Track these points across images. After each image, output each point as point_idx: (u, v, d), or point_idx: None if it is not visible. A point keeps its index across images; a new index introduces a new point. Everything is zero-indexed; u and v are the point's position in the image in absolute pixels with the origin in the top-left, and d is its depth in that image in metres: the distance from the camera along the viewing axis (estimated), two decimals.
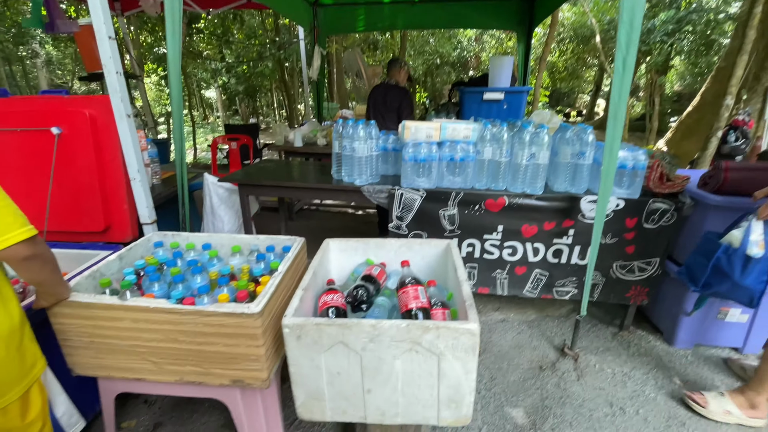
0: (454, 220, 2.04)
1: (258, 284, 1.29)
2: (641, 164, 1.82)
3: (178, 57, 1.71)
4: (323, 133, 3.77)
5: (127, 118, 1.44)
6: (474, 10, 3.70)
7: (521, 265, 2.10)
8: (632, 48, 1.52)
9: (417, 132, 1.98)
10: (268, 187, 2.18)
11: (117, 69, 1.38)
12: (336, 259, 1.54)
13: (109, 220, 1.60)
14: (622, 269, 2.03)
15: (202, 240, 1.50)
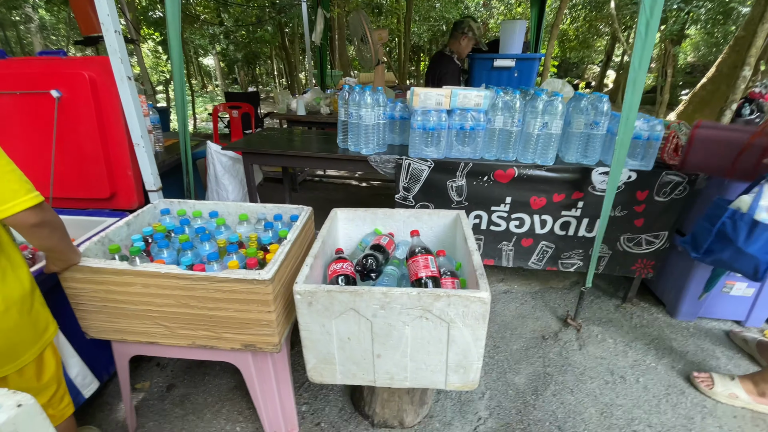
0: (462, 191, 2.02)
1: (267, 252, 1.29)
2: (657, 135, 1.77)
3: (178, 17, 1.63)
4: (327, 101, 3.67)
5: (128, 81, 1.39)
6: None
7: (528, 237, 2.09)
8: (657, 10, 1.43)
9: (426, 99, 1.92)
10: (273, 155, 2.14)
11: (116, 27, 1.32)
12: (344, 228, 1.53)
13: (114, 186, 1.59)
14: (629, 242, 2.02)
15: (208, 208, 1.49)
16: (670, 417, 1.50)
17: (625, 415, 1.51)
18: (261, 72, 20.86)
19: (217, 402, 1.54)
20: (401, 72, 10.53)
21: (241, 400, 1.54)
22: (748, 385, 1.53)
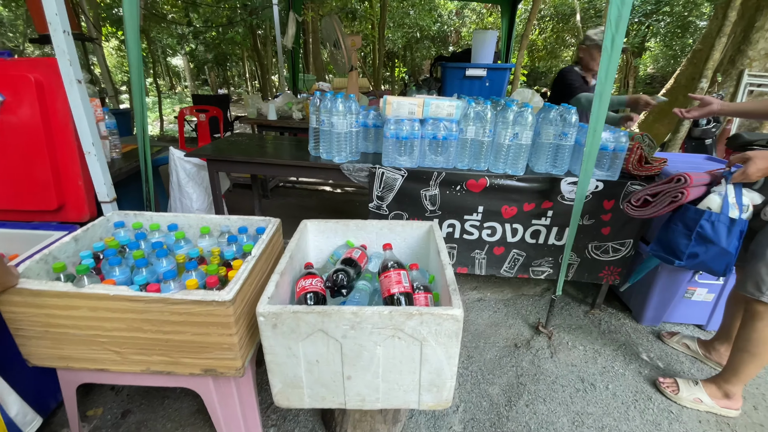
0: (435, 200, 2.00)
1: (230, 268, 1.22)
2: (622, 146, 1.82)
3: (136, 15, 1.54)
4: (299, 106, 3.60)
5: (78, 84, 1.28)
6: None
7: (499, 246, 2.10)
8: (622, 25, 1.47)
9: (399, 108, 1.90)
10: (240, 163, 2.06)
11: (64, 27, 1.21)
12: (314, 240, 1.47)
13: (63, 197, 1.46)
14: (597, 250, 2.07)
15: (167, 220, 1.40)
16: (638, 424, 1.53)
17: (595, 423, 1.53)
18: (233, 74, 20.38)
19: (178, 428, 1.44)
20: (376, 78, 10.56)
21: (204, 425, 1.45)
22: (711, 388, 1.58)
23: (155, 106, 11.00)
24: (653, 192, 1.54)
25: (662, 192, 1.49)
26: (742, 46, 5.02)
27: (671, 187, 1.46)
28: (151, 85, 12.62)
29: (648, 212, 1.54)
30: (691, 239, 1.43)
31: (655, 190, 1.53)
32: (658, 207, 1.50)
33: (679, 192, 1.43)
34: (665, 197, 1.48)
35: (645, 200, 1.58)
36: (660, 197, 1.50)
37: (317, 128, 2.05)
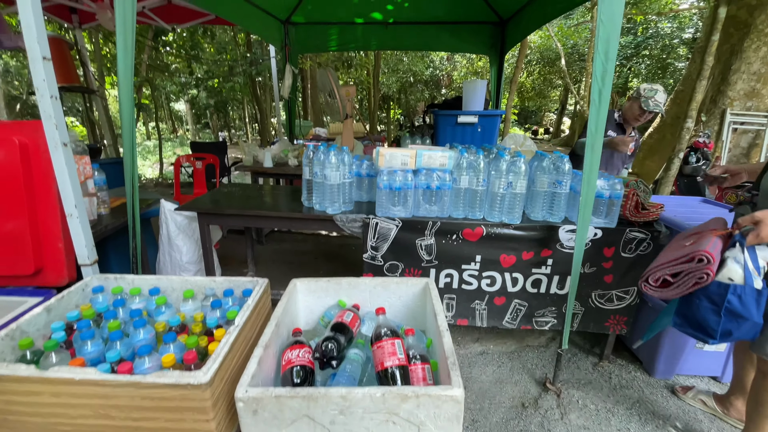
0: (431, 250, 1.95)
1: (212, 338, 1.14)
2: (617, 194, 1.80)
3: (130, 78, 1.56)
4: (294, 153, 3.63)
5: (63, 147, 1.26)
6: (447, 34, 3.72)
7: (500, 296, 2.02)
8: (608, 79, 1.50)
9: (392, 159, 1.90)
10: (232, 216, 2.02)
11: (52, 93, 1.21)
12: (304, 301, 1.40)
13: (41, 261, 1.40)
14: (600, 298, 1.99)
15: (150, 284, 1.33)
16: None
17: None
18: (233, 117, 21.00)
19: None
20: (371, 120, 10.86)
21: None
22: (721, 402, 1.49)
23: (156, 149, 11.19)
24: (673, 272, 1.36)
25: (684, 272, 1.33)
26: (722, 87, 5.23)
27: (694, 268, 1.29)
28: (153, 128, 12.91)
29: (670, 294, 1.37)
30: (720, 315, 1.29)
31: (676, 269, 1.35)
32: (681, 289, 1.33)
33: (704, 273, 1.27)
34: (688, 279, 1.31)
35: (665, 280, 1.40)
36: (682, 278, 1.33)
37: (310, 180, 2.03)
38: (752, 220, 1.27)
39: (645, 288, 1.44)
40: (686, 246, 1.38)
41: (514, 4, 3.13)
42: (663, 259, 1.42)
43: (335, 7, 3.65)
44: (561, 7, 2.54)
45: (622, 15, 1.47)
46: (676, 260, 1.35)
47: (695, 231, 1.48)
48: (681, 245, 1.41)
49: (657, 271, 1.40)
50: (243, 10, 3.02)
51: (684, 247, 1.38)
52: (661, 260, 1.42)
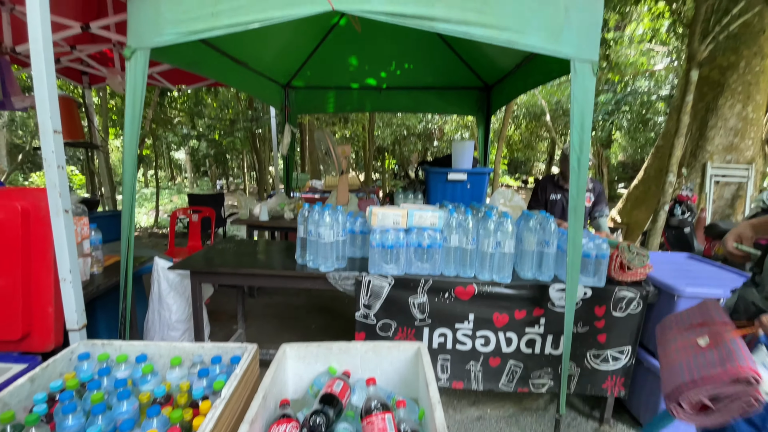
0: (424, 308, 1.95)
1: (197, 411, 1.10)
2: (603, 254, 1.85)
3: (135, 148, 1.65)
4: (291, 206, 3.71)
5: (65, 214, 1.31)
6: (436, 97, 4.00)
7: (495, 356, 1.99)
8: (585, 148, 1.61)
9: (384, 219, 1.96)
10: (225, 274, 2.02)
11: (59, 163, 1.28)
12: (294, 368, 1.37)
13: (29, 326, 1.38)
14: (596, 358, 1.96)
15: (137, 350, 1.31)
16: None
17: None
18: (232, 165, 21.50)
19: None
20: (366, 170, 11.18)
21: None
22: None
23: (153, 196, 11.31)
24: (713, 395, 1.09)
25: (728, 397, 1.07)
26: (701, 142, 5.53)
27: (742, 392, 1.04)
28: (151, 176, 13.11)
29: (709, 422, 1.12)
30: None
31: (718, 391, 1.07)
32: (725, 416, 1.09)
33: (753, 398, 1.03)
34: (734, 405, 1.06)
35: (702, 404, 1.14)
36: (725, 403, 1.08)
37: (305, 238, 2.07)
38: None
39: (677, 412, 1.15)
40: (702, 348, 1.17)
41: (497, 73, 3.41)
42: (675, 361, 1.20)
43: (332, 74, 3.94)
44: (539, 79, 2.77)
45: (593, 92, 1.62)
46: (718, 379, 1.06)
47: (701, 321, 1.27)
48: (689, 340, 1.22)
49: (692, 392, 1.10)
50: (246, 77, 3.26)
51: (698, 347, 1.18)
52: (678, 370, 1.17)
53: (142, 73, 1.66)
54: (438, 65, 3.69)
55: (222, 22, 1.60)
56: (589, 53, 1.57)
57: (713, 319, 1.22)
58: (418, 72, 3.81)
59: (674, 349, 1.25)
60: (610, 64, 7.43)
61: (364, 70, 3.84)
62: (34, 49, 1.30)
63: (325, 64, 3.80)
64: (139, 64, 1.67)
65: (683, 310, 1.36)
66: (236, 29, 1.60)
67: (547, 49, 1.58)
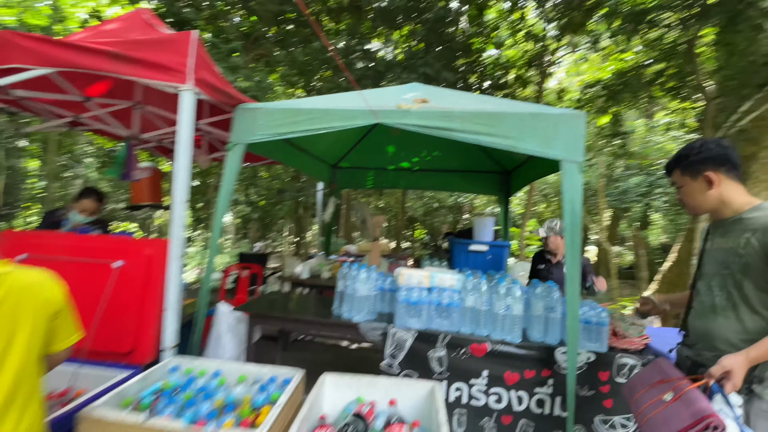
0: (442, 362, 2.21)
1: (258, 415, 1.44)
2: (603, 321, 2.09)
3: (224, 213, 2.21)
4: (328, 267, 4.16)
5: (178, 259, 1.82)
6: (462, 179, 4.57)
7: (507, 414, 2.16)
8: (576, 230, 1.97)
9: (410, 278, 2.34)
10: (276, 318, 2.43)
11: (182, 224, 1.83)
12: (330, 394, 1.69)
13: (135, 343, 1.82)
14: (604, 424, 2.08)
15: (214, 367, 1.69)
16: None
17: None
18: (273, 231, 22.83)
19: None
20: (397, 239, 11.68)
21: None
22: None
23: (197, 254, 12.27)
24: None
25: None
26: None
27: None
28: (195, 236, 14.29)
29: None
30: None
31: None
32: None
33: None
34: None
35: None
36: None
37: (342, 291, 2.47)
38: (723, 369, 1.28)
39: None
40: (668, 402, 1.34)
41: (514, 161, 3.93)
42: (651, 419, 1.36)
43: (373, 157, 4.67)
44: (547, 170, 3.24)
45: (581, 184, 2.03)
46: (688, 429, 1.23)
47: (660, 379, 1.47)
48: (656, 398, 1.40)
49: None
50: (304, 159, 4.00)
51: (665, 403, 1.35)
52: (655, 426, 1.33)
53: (238, 160, 2.28)
54: (463, 153, 4.29)
55: (299, 128, 2.23)
56: (575, 156, 2.02)
57: (669, 375, 1.44)
58: (446, 157, 4.43)
59: (646, 408, 1.42)
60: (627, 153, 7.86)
61: (400, 156, 4.53)
62: (181, 159, 1.94)
63: (367, 151, 4.54)
64: (236, 154, 2.30)
65: (642, 370, 1.60)
66: (309, 133, 2.22)
67: (541, 153, 2.05)
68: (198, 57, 1.90)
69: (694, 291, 1.60)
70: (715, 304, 1.47)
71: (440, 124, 2.07)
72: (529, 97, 7.59)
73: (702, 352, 1.49)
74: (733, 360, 1.27)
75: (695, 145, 1.47)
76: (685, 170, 1.48)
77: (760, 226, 1.34)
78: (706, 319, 1.49)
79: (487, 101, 2.66)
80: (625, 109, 6.36)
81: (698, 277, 1.60)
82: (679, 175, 1.51)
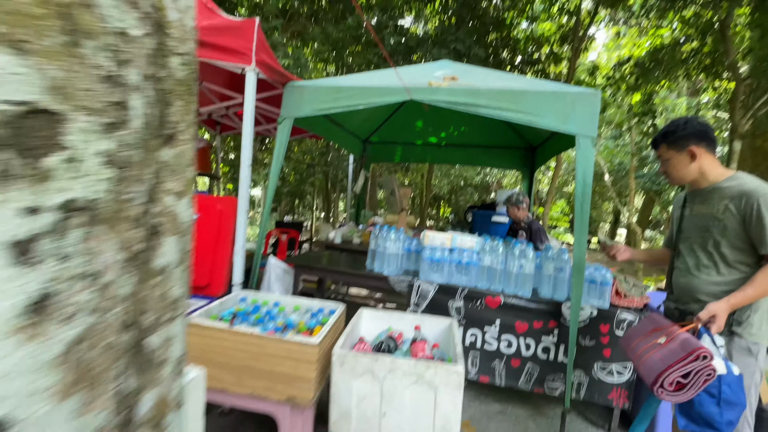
0: (460, 311, 2.54)
1: (312, 331, 1.83)
2: (606, 281, 2.34)
3: (276, 181, 2.58)
4: (358, 234, 4.54)
5: (245, 213, 2.21)
6: (488, 154, 4.76)
7: (516, 358, 2.49)
8: (586, 198, 2.20)
9: (434, 239, 2.65)
10: (318, 269, 2.82)
11: (247, 184, 2.21)
12: (366, 324, 2.06)
13: (211, 279, 2.26)
14: (602, 370, 2.37)
15: (274, 299, 2.10)
16: None
17: None
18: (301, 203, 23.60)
19: None
20: (422, 216, 11.95)
21: None
22: None
23: None
24: (684, 372, 1.42)
25: (694, 371, 1.40)
26: None
27: (701, 366, 1.38)
28: None
29: (686, 396, 1.43)
30: (719, 406, 1.40)
31: (685, 370, 1.42)
32: (695, 389, 1.42)
33: (710, 370, 1.37)
34: (700, 377, 1.40)
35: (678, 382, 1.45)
36: (694, 377, 1.41)
37: (374, 249, 2.82)
38: (709, 313, 1.48)
39: (662, 394, 1.46)
40: (663, 344, 1.52)
41: (540, 137, 4.08)
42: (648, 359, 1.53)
43: (402, 132, 4.92)
44: (570, 146, 3.40)
45: (593, 157, 2.24)
46: (683, 360, 1.41)
47: (653, 328, 1.66)
48: (651, 342, 1.57)
49: (669, 374, 1.43)
50: (339, 133, 4.32)
51: (660, 345, 1.53)
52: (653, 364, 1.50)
53: (287, 133, 2.62)
54: (489, 128, 4.47)
55: (340, 104, 2.53)
56: (589, 131, 2.22)
57: (661, 324, 1.65)
58: (473, 133, 4.62)
59: (643, 351, 1.60)
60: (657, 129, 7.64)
61: (428, 131, 4.75)
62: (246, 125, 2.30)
63: (396, 126, 4.80)
64: (286, 127, 2.64)
65: (637, 324, 1.87)
66: (348, 109, 2.52)
67: (558, 128, 2.26)
68: (258, 40, 2.21)
69: (675, 253, 1.81)
70: (698, 263, 1.68)
71: (467, 101, 2.32)
72: (560, 73, 7.50)
73: (688, 304, 1.71)
74: (717, 306, 1.48)
75: (680, 122, 1.66)
76: (671, 145, 1.66)
77: (737, 194, 1.55)
78: (691, 276, 1.70)
79: (512, 79, 2.86)
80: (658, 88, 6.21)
81: (679, 240, 1.79)
82: (666, 149, 1.69)
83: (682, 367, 1.41)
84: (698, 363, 1.38)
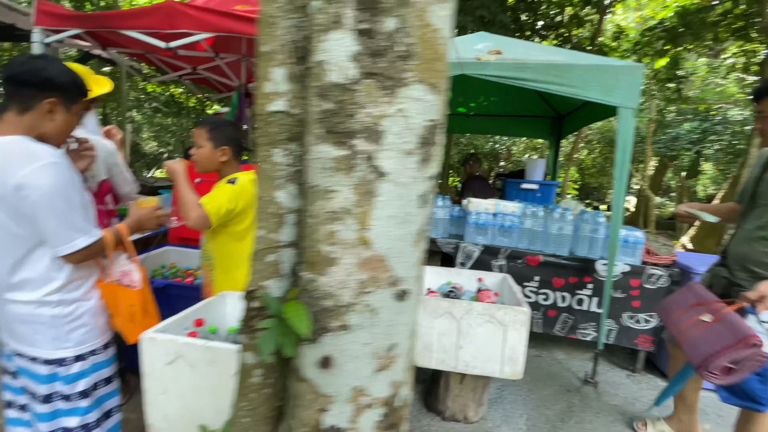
0: (503, 269, 2.82)
1: None
2: (639, 240, 2.60)
3: None
4: None
5: None
6: (516, 123, 4.88)
7: (552, 309, 2.79)
8: (626, 166, 2.41)
9: (479, 205, 2.90)
10: None
11: None
12: (428, 279, 2.35)
13: None
14: (631, 319, 2.68)
15: None
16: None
17: None
18: None
19: None
20: None
21: None
22: (671, 421, 2.03)
23: None
24: (733, 359, 1.38)
25: (744, 359, 1.38)
26: None
27: (753, 354, 1.36)
28: None
29: (733, 380, 1.43)
30: (765, 384, 1.43)
31: (735, 356, 1.37)
32: (744, 374, 1.41)
33: (761, 356, 1.36)
34: (749, 363, 1.38)
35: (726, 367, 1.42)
36: (743, 363, 1.39)
37: None
38: (759, 294, 1.40)
39: (708, 377, 1.43)
40: (709, 323, 1.48)
41: (570, 106, 4.19)
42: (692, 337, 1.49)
43: None
44: (600, 115, 3.54)
45: (634, 128, 2.41)
46: (733, 347, 1.36)
47: (695, 302, 1.59)
48: (694, 318, 1.53)
49: (718, 361, 1.39)
50: None
51: (705, 323, 1.49)
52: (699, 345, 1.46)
53: None
54: (519, 98, 4.56)
55: None
56: (631, 103, 2.39)
57: (705, 298, 1.57)
58: (501, 103, 4.72)
59: (686, 327, 1.55)
60: (681, 97, 7.62)
61: (457, 102, 4.85)
62: None
63: None
64: None
65: (676, 293, 1.78)
66: None
67: (601, 100, 2.43)
68: None
69: (741, 218, 1.68)
70: (761, 229, 1.54)
71: (515, 75, 2.47)
72: (584, 37, 7.39)
73: (736, 273, 1.63)
74: (767, 286, 1.40)
75: None
76: None
77: None
78: (749, 242, 1.59)
79: (556, 53, 2.98)
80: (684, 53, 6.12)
81: (751, 205, 1.62)
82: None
83: (733, 354, 1.37)
84: (750, 351, 1.34)
